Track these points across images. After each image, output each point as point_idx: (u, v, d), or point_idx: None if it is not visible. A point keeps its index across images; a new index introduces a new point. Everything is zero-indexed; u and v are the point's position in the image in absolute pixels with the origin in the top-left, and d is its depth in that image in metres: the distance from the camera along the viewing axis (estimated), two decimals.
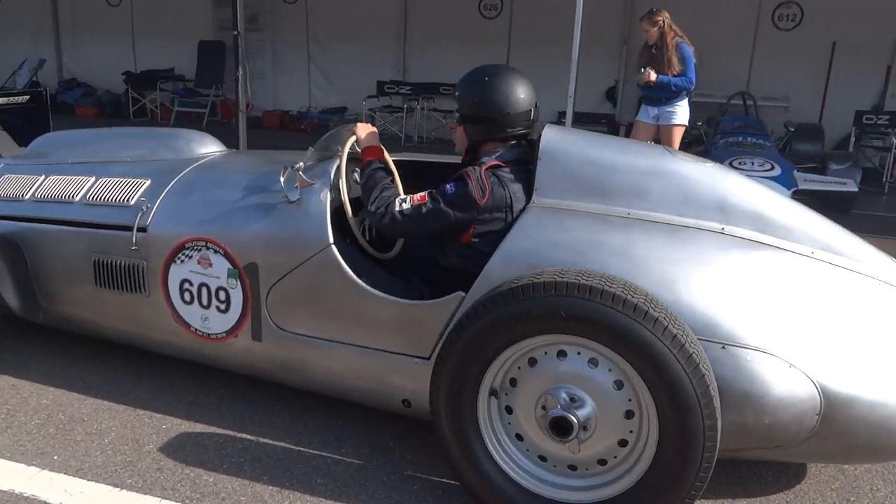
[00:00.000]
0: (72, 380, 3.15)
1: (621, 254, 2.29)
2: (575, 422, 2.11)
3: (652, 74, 5.87)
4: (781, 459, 2.45)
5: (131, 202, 2.97)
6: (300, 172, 2.63)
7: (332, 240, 2.57)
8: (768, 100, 9.25)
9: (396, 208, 2.50)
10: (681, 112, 6.12)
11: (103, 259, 2.96)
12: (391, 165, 2.79)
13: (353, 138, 2.77)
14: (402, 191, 2.70)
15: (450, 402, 2.25)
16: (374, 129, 2.83)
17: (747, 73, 9.84)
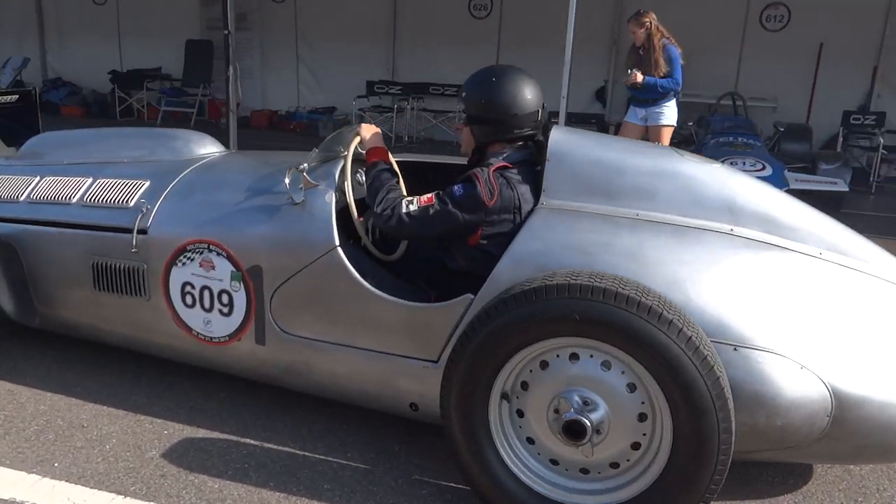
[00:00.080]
0: (69, 385, 3.10)
1: (631, 255, 2.28)
2: (588, 425, 2.10)
3: (638, 76, 5.89)
4: (791, 460, 2.45)
5: (130, 204, 2.92)
6: (304, 173, 2.60)
7: (337, 242, 2.54)
8: (756, 100, 9.30)
9: (403, 210, 2.48)
10: (668, 113, 6.14)
11: (102, 262, 2.91)
12: (395, 167, 2.77)
13: (358, 139, 2.74)
14: (405, 192, 2.67)
15: (461, 406, 2.23)
16: (378, 129, 2.81)
17: (735, 73, 9.89)
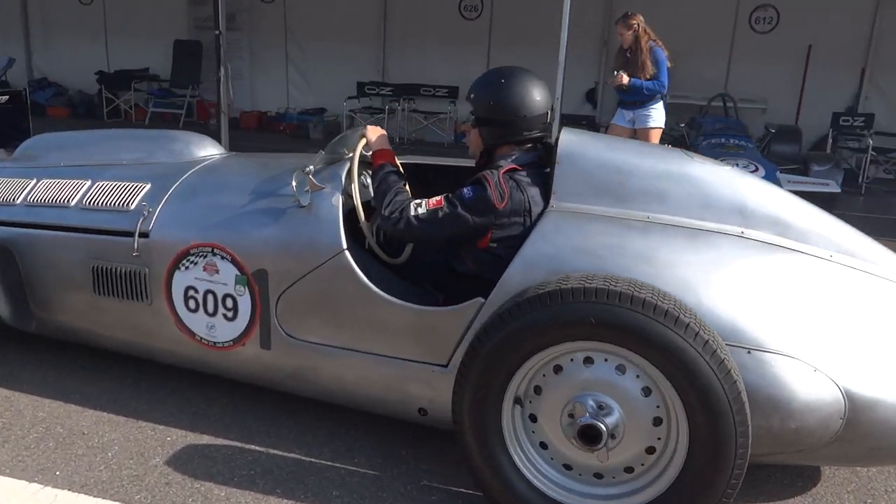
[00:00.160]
0: (68, 391, 3.04)
1: (643, 258, 2.27)
2: (604, 430, 2.08)
3: (624, 77, 5.90)
4: (803, 463, 2.45)
5: (131, 207, 2.87)
6: (310, 176, 2.57)
7: (345, 245, 2.51)
8: (746, 101, 9.35)
9: (412, 213, 2.45)
10: (656, 115, 6.15)
11: (102, 266, 2.86)
12: (400, 169, 2.74)
13: (364, 141, 2.71)
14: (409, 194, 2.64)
15: (473, 411, 2.20)
16: (384, 131, 2.78)
17: (725, 75, 9.95)
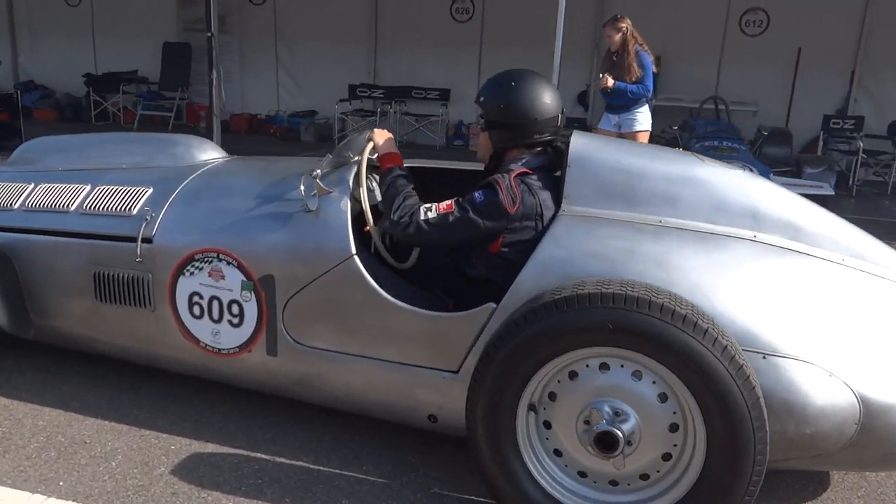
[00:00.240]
0: (67, 399, 2.99)
1: (657, 263, 2.25)
2: (621, 436, 2.06)
3: (609, 81, 5.89)
4: (816, 469, 2.44)
5: (133, 212, 2.82)
6: (317, 180, 2.53)
7: (354, 250, 2.48)
8: (737, 104, 9.39)
9: (421, 217, 2.42)
10: (642, 118, 6.14)
11: (104, 272, 2.81)
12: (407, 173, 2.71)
13: (371, 145, 2.67)
14: None
15: (487, 418, 2.18)
16: (391, 135, 2.75)
17: (716, 77, 9.99)
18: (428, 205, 2.45)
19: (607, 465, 2.13)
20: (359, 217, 2.62)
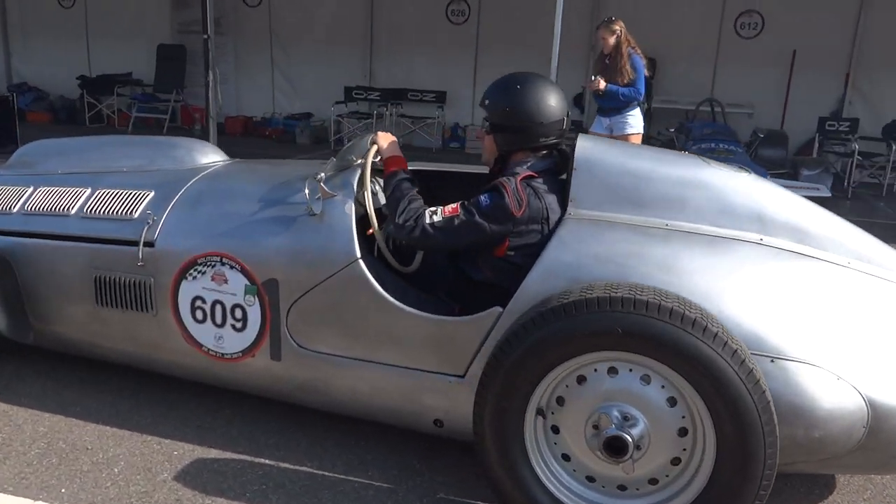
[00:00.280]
0: (67, 404, 2.96)
1: (665, 266, 2.25)
2: (630, 441, 2.05)
3: (601, 83, 5.89)
4: (823, 472, 2.44)
5: (135, 215, 2.80)
6: (321, 183, 2.52)
7: (359, 254, 2.46)
8: (733, 106, 9.42)
9: (427, 221, 2.41)
10: (633, 121, 6.13)
11: (105, 276, 2.79)
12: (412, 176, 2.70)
13: (375, 148, 2.66)
14: None
15: (495, 422, 2.16)
16: (395, 138, 2.73)
17: (711, 79, 10.02)
18: (433, 208, 2.44)
19: (616, 470, 2.12)
20: (361, 220, 2.60)
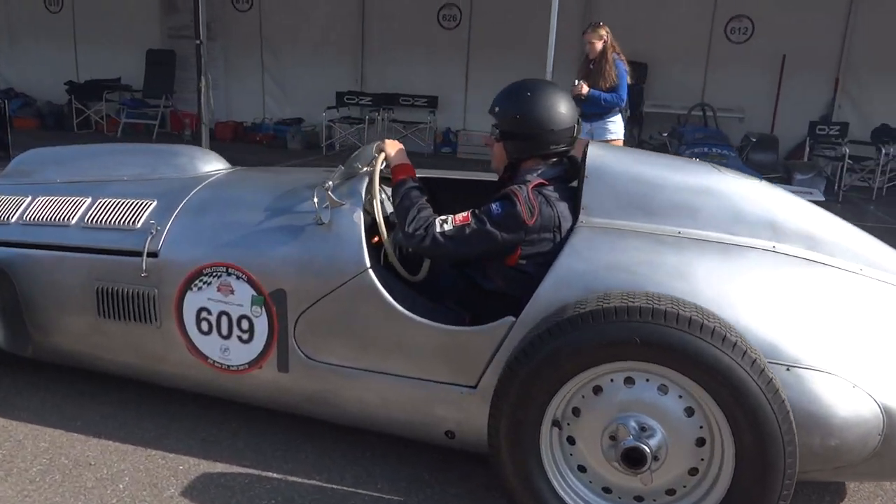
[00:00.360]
0: (68, 418, 2.90)
1: (679, 274, 2.23)
2: (648, 452, 2.03)
3: (584, 87, 5.89)
4: (837, 480, 2.43)
5: (138, 225, 2.76)
6: (329, 192, 2.49)
7: (368, 264, 2.43)
8: (724, 111, 9.45)
9: (437, 229, 2.38)
10: (614, 127, 6.14)
11: (107, 287, 2.74)
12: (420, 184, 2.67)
13: (383, 156, 2.63)
14: None
15: (511, 434, 2.14)
16: (402, 145, 2.70)
17: (702, 84, 10.04)
18: (444, 217, 2.41)
19: (634, 481, 2.10)
20: (368, 229, 2.57)
